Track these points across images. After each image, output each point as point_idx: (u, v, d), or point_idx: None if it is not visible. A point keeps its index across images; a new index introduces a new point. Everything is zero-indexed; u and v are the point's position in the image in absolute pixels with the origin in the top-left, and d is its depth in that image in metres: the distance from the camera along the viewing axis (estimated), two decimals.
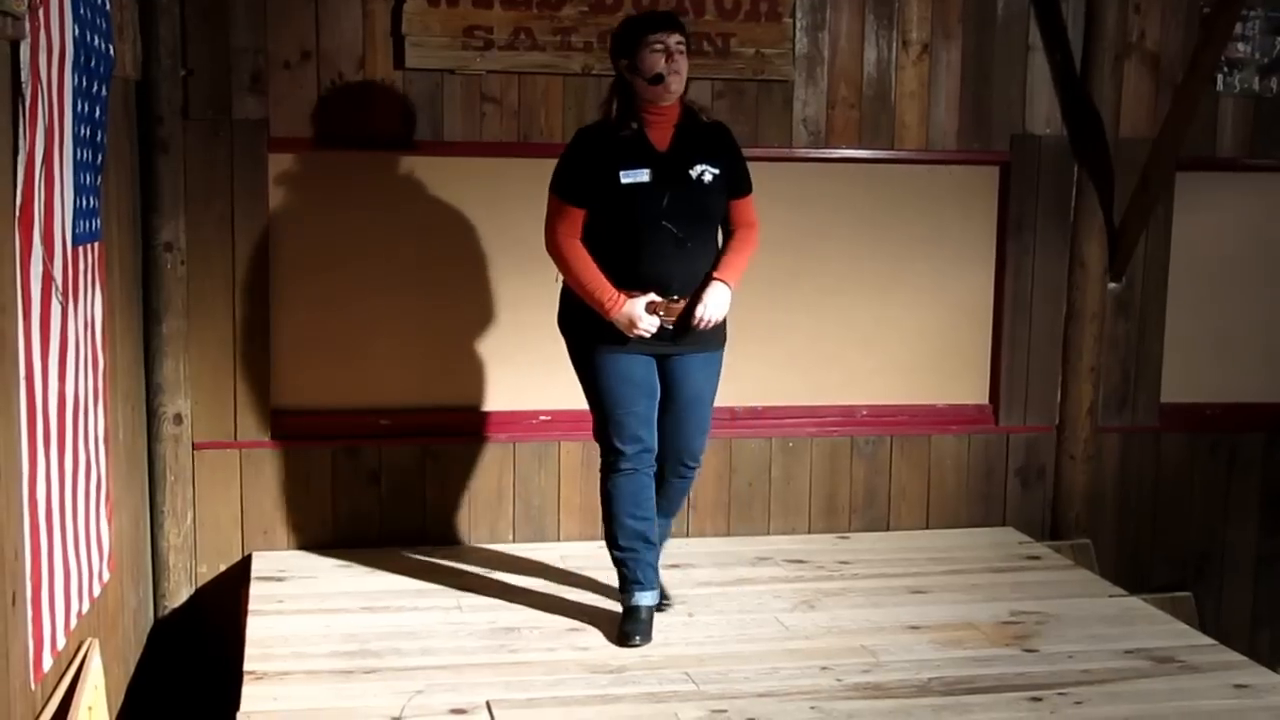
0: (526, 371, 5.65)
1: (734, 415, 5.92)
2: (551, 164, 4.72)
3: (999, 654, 4.62)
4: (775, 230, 5.82)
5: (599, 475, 4.78)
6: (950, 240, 6.02)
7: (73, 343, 3.78)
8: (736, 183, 4.71)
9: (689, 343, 4.63)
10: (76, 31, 3.67)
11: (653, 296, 4.53)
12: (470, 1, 5.41)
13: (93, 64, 3.90)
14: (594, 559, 5.46)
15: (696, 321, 4.55)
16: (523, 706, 4.14)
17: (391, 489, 5.63)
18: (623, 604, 4.77)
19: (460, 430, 5.62)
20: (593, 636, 4.70)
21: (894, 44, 5.83)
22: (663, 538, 4.95)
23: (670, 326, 4.56)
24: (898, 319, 6.02)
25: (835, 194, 5.90)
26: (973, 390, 6.15)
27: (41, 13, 3.30)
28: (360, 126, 5.44)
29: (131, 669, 4.91)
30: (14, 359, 3.23)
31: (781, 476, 5.97)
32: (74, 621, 3.82)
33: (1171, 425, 6.28)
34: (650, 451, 4.70)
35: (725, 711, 4.11)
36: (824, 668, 4.47)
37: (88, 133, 3.89)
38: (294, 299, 5.50)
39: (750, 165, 5.70)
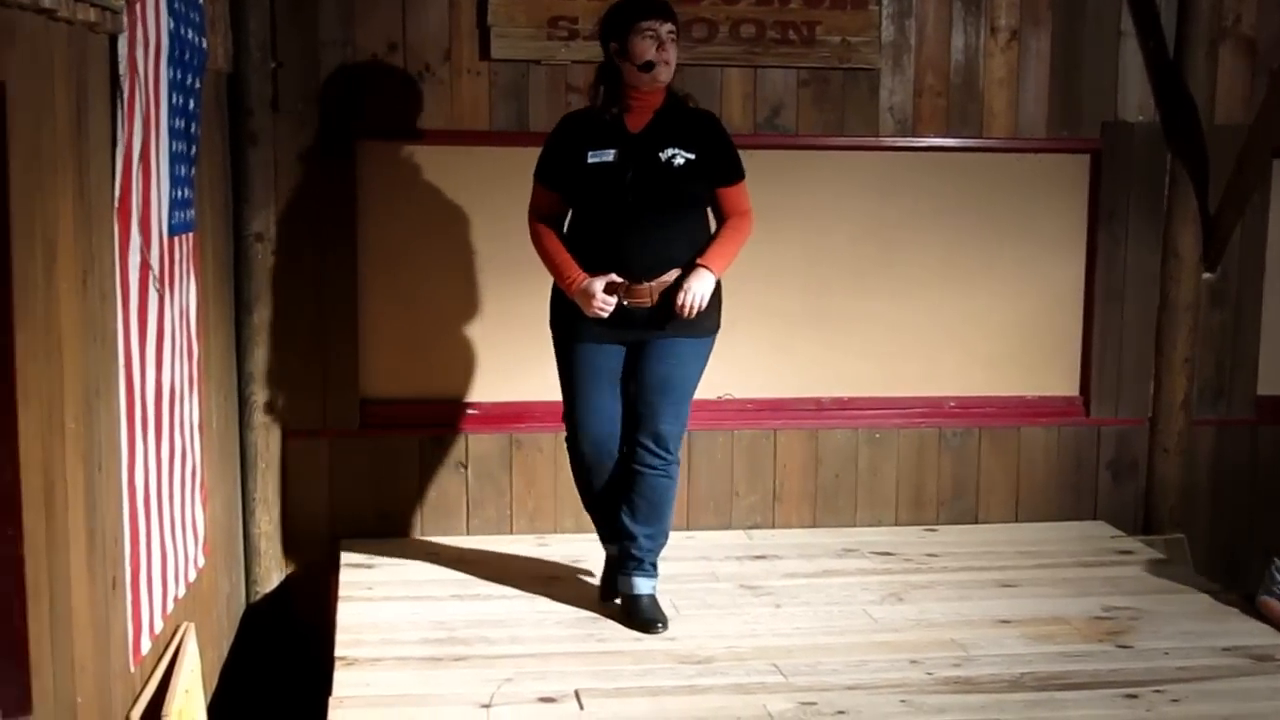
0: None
1: (820, 406, 5.89)
2: None
3: (1092, 650, 4.56)
4: (861, 220, 5.82)
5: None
6: (1040, 230, 5.95)
7: (169, 331, 3.83)
8: (722, 171, 4.63)
9: (656, 328, 4.58)
10: (172, 25, 3.71)
11: (613, 277, 4.50)
12: None
13: (187, 57, 3.94)
14: (680, 549, 5.46)
15: (678, 309, 4.50)
16: (611, 696, 4.14)
17: (478, 478, 5.66)
18: (606, 554, 4.94)
19: (547, 420, 5.63)
20: (680, 627, 4.69)
21: (982, 30, 5.77)
22: (646, 554, 4.74)
23: (629, 306, 4.52)
24: (986, 310, 5.96)
25: (922, 183, 5.85)
26: (1063, 382, 6.08)
27: (139, 7, 3.34)
28: (446, 118, 5.47)
29: (225, 653, 4.97)
30: (114, 347, 3.28)
31: (868, 468, 5.93)
32: (170, 606, 3.87)
33: (1267, 418, 6.17)
34: (603, 441, 4.72)
35: (814, 704, 4.08)
36: (913, 661, 4.43)
37: (182, 125, 3.94)
38: (381, 289, 5.54)
39: (835, 154, 5.73)
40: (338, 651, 4.46)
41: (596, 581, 5.01)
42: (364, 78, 5.40)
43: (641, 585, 4.73)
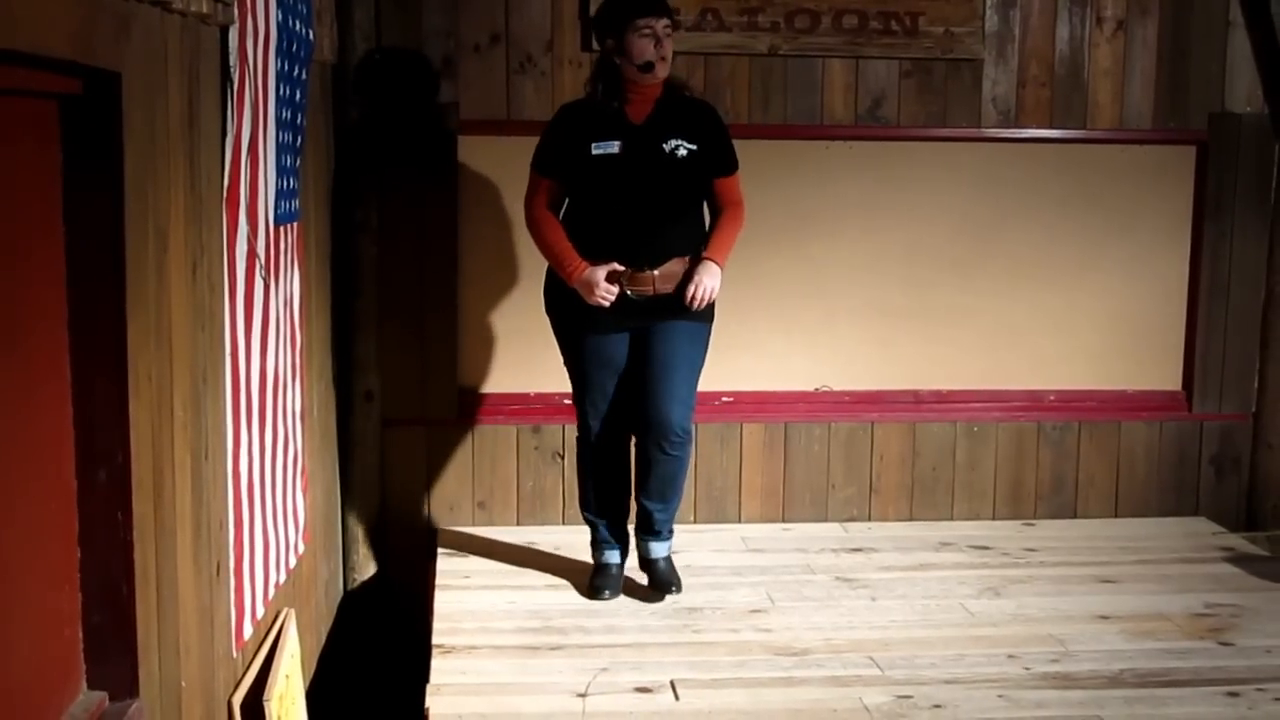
0: (709, 354, 5.63)
1: (918, 399, 5.86)
2: (739, 145, 4.73)
3: (1193, 647, 4.50)
4: (962, 212, 5.77)
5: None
6: (1144, 222, 5.87)
7: (274, 320, 3.88)
8: (719, 161, 4.68)
9: (656, 313, 4.62)
10: (280, 17, 3.75)
11: (615, 266, 4.54)
12: None
13: (294, 48, 3.99)
14: (776, 541, 5.47)
15: (688, 300, 4.54)
16: (707, 686, 4.15)
17: (575, 468, 5.67)
18: (594, 560, 4.97)
19: None
20: (776, 618, 4.69)
21: (1087, 21, 5.69)
22: (663, 524, 4.87)
23: (634, 296, 4.56)
24: (1088, 303, 5.89)
25: (1025, 175, 5.79)
26: (1165, 376, 6.00)
27: None
28: (548, 108, 5.48)
29: (323, 639, 5.03)
30: (221, 336, 3.33)
31: (966, 462, 5.89)
32: (272, 592, 3.92)
33: None
34: (614, 431, 4.81)
35: (911, 697, 4.07)
36: (1011, 656, 4.40)
37: (289, 116, 3.99)
38: (481, 280, 5.58)
39: (937, 146, 5.70)
40: (435, 639, 4.51)
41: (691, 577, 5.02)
42: (467, 68, 5.44)
43: (658, 549, 4.88)
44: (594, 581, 4.91)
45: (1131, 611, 4.81)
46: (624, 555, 4.96)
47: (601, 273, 4.54)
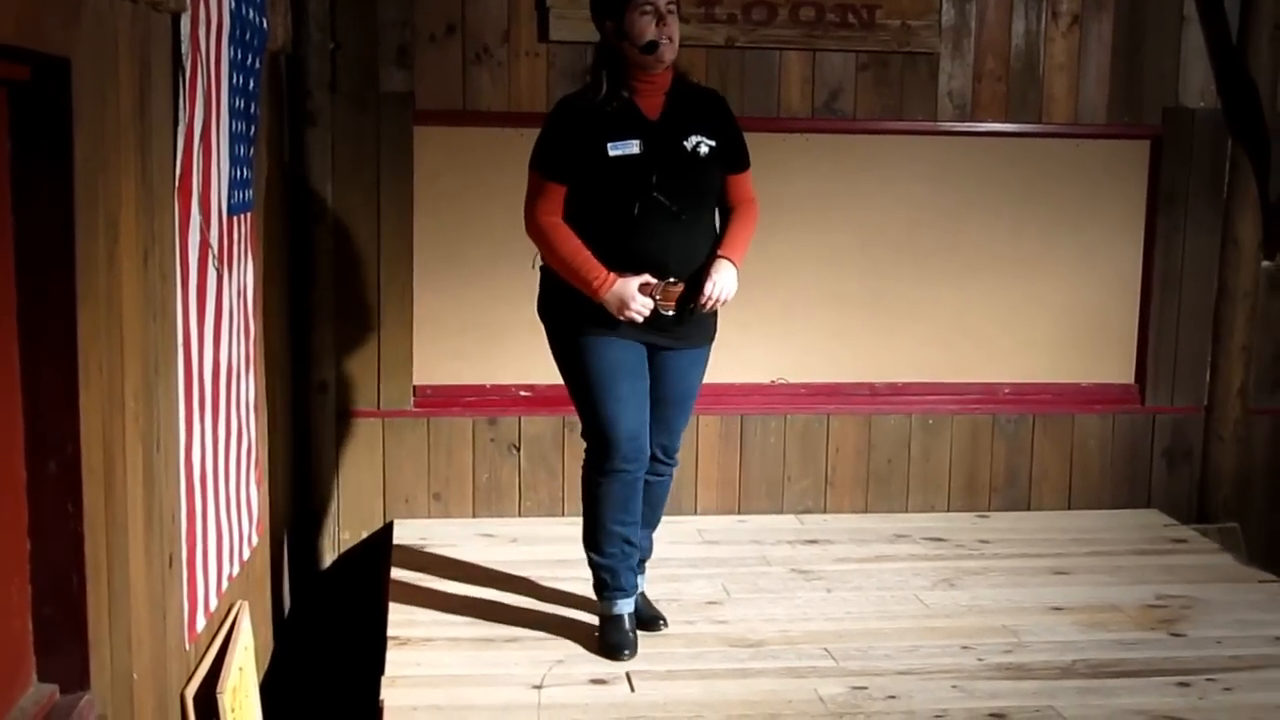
0: None
1: (874, 391, 5.88)
2: None
3: (1145, 638, 4.54)
4: (918, 205, 5.78)
5: (582, 469, 4.42)
6: (1098, 216, 5.91)
7: (227, 310, 3.86)
8: (734, 157, 4.31)
9: (683, 337, 4.27)
10: (234, 4, 3.73)
11: (646, 277, 4.13)
12: None
13: (248, 37, 3.96)
14: (732, 533, 5.47)
15: (705, 300, 4.15)
16: (662, 679, 4.15)
17: (531, 460, 5.67)
18: (602, 613, 4.42)
19: None
20: (731, 610, 4.70)
21: (1043, 15, 5.72)
22: (646, 554, 4.59)
23: (668, 313, 4.17)
24: (1043, 296, 5.92)
25: (981, 168, 5.82)
26: (1118, 369, 6.04)
27: None
28: (504, 99, 5.48)
29: (277, 632, 5.00)
30: (173, 326, 3.31)
31: (921, 454, 5.91)
32: (225, 584, 3.90)
33: None
34: (645, 451, 4.30)
35: (865, 688, 4.09)
36: (965, 647, 4.42)
37: (242, 105, 3.96)
38: (437, 271, 5.56)
39: (893, 139, 5.72)
40: (390, 631, 4.49)
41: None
42: (422, 59, 5.41)
43: (640, 581, 4.55)
44: (609, 639, 4.34)
45: (1084, 603, 4.84)
46: (634, 603, 4.46)
47: (634, 285, 4.10)
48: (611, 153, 4.12)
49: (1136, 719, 3.94)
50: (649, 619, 4.53)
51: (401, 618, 4.61)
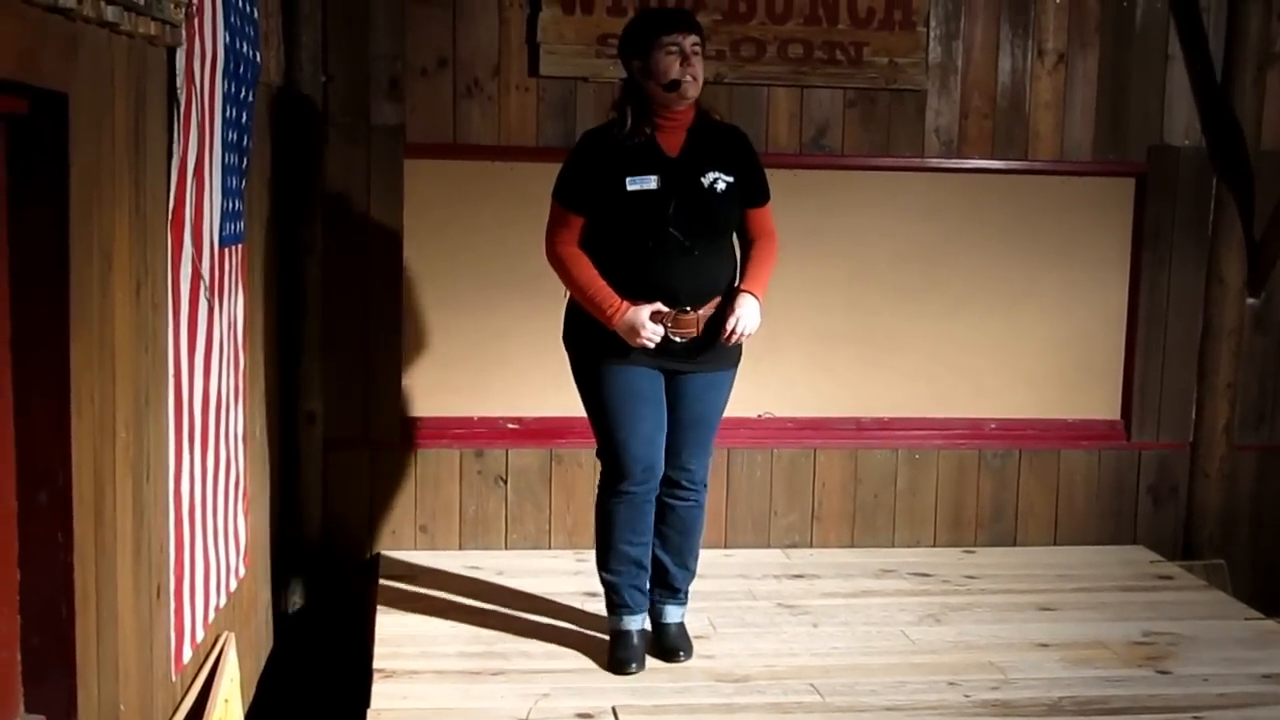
0: None
1: (859, 426, 5.89)
2: None
3: (1131, 675, 4.54)
4: (905, 241, 5.81)
5: (597, 490, 4.54)
6: (1084, 253, 5.94)
7: (218, 341, 3.86)
8: (753, 191, 4.42)
9: (700, 360, 4.38)
10: (227, 39, 3.75)
11: (659, 306, 4.26)
12: (605, 10, 5.45)
13: (241, 70, 3.98)
14: (718, 567, 5.47)
15: (728, 335, 4.28)
16: (649, 713, 4.15)
17: (517, 492, 5.68)
18: (611, 629, 4.57)
19: (587, 436, 5.63)
20: (717, 645, 4.70)
21: (1029, 53, 5.77)
22: (682, 583, 4.63)
23: (679, 339, 4.30)
24: (1029, 331, 5.95)
25: (967, 205, 5.85)
26: (1104, 405, 6.06)
27: (197, 21, 3.38)
28: (494, 133, 5.50)
29: (263, 663, 4.99)
30: (164, 357, 3.32)
31: (907, 489, 5.93)
32: (212, 615, 3.90)
33: None
34: (655, 474, 4.42)
35: None
36: (951, 683, 4.42)
37: (235, 138, 3.97)
38: (425, 303, 5.57)
39: (880, 175, 5.75)
40: (376, 663, 4.48)
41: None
42: (413, 92, 5.44)
43: (674, 613, 4.62)
44: (616, 654, 4.48)
45: (1070, 639, 4.85)
46: (644, 620, 4.59)
47: (645, 313, 4.22)
48: (629, 187, 4.25)
49: None
50: (670, 649, 4.55)
51: (387, 650, 4.60)
